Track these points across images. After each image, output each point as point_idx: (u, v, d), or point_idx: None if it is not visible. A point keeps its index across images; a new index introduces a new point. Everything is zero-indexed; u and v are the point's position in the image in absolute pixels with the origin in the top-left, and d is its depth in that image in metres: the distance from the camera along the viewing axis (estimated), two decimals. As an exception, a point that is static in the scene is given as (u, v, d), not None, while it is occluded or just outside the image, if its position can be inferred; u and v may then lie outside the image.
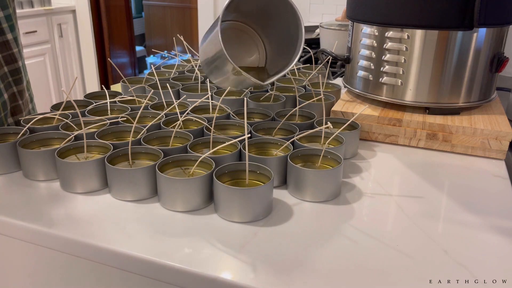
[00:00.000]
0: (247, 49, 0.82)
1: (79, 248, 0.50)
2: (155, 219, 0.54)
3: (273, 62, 0.82)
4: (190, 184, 0.54)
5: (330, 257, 0.47)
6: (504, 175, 0.67)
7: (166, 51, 4.15)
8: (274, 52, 0.82)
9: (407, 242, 0.50)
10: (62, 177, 0.59)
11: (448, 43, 0.74)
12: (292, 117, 0.77)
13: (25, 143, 0.65)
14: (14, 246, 0.56)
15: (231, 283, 0.44)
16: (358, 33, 0.84)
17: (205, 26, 2.89)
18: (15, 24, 0.78)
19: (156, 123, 0.70)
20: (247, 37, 0.81)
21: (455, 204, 0.59)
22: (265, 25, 0.80)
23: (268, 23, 0.78)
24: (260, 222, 0.53)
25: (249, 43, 0.82)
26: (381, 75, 0.81)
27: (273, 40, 0.80)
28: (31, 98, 0.87)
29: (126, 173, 0.56)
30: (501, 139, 0.71)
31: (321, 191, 0.58)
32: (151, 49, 4.59)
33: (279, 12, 0.73)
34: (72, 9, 3.02)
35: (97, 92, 0.88)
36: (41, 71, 2.76)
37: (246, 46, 0.82)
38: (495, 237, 0.52)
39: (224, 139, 0.66)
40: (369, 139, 0.79)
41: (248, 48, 0.82)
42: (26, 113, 0.83)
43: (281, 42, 0.78)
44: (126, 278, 0.50)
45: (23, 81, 0.82)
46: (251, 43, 0.82)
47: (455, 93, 0.77)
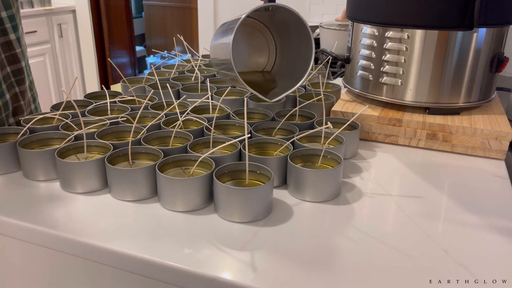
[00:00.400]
0: (258, 49, 0.81)
1: (79, 248, 0.50)
2: (155, 219, 0.54)
3: (280, 70, 0.81)
4: (190, 184, 0.54)
5: (330, 257, 0.47)
6: (504, 175, 0.67)
7: (166, 51, 4.15)
8: (283, 61, 0.81)
9: (407, 242, 0.50)
10: (62, 177, 0.59)
11: (448, 43, 0.74)
12: (292, 117, 0.77)
13: (25, 143, 0.65)
14: (14, 246, 0.56)
15: (231, 283, 0.44)
16: (358, 33, 0.84)
17: (205, 26, 2.89)
18: (18, 24, 0.77)
19: (156, 123, 0.70)
20: (261, 37, 0.80)
21: (455, 204, 0.59)
22: (282, 33, 0.79)
23: (287, 33, 0.77)
24: (260, 222, 0.53)
25: (261, 43, 0.81)
26: (381, 75, 0.81)
27: (285, 49, 0.80)
28: (33, 98, 0.86)
29: (126, 173, 0.56)
30: (501, 139, 0.71)
31: (321, 191, 0.58)
32: (151, 49, 4.59)
33: (297, 30, 0.72)
34: (72, 9, 3.02)
35: (97, 92, 0.88)
36: (41, 71, 2.76)
37: (258, 46, 0.81)
38: (495, 237, 0.52)
39: (224, 139, 0.66)
40: (369, 139, 0.79)
41: (259, 48, 0.81)
42: (27, 113, 0.83)
43: (292, 54, 0.78)
44: (126, 278, 0.50)
45: (26, 81, 0.82)
46: (263, 44, 0.81)
47: (455, 93, 0.77)
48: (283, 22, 0.75)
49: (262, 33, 0.80)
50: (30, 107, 0.84)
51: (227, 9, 2.80)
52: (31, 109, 0.85)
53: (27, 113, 0.83)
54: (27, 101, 0.83)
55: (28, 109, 0.83)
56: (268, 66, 0.82)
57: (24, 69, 0.81)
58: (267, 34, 0.80)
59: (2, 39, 0.75)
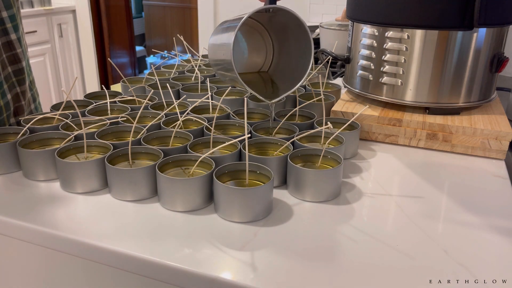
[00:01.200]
0: (256, 49, 0.81)
1: (79, 248, 0.50)
2: (155, 219, 0.54)
3: (277, 70, 0.81)
4: (190, 184, 0.54)
5: (330, 257, 0.47)
6: (504, 175, 0.67)
7: (166, 51, 4.15)
8: (281, 61, 0.80)
9: (407, 242, 0.50)
10: (62, 177, 0.59)
11: (448, 43, 0.74)
12: (292, 117, 0.77)
13: (25, 143, 0.65)
14: (14, 246, 0.56)
15: (231, 283, 0.44)
16: (358, 33, 0.84)
17: (205, 26, 2.89)
18: (19, 24, 0.77)
19: (156, 123, 0.70)
20: (259, 37, 0.79)
21: (455, 204, 0.59)
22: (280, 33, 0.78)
23: (285, 34, 0.76)
24: (260, 222, 0.53)
25: (259, 43, 0.80)
26: (381, 75, 0.81)
27: (283, 49, 0.79)
28: (33, 98, 0.86)
29: (126, 173, 0.56)
30: (501, 139, 0.71)
31: (321, 191, 0.58)
32: (151, 49, 4.59)
33: (295, 30, 0.72)
34: (72, 9, 3.02)
35: (97, 92, 0.88)
36: (41, 71, 2.76)
37: (256, 45, 0.80)
38: (495, 237, 0.52)
39: (224, 139, 0.66)
40: (369, 139, 0.79)
41: (257, 47, 0.81)
42: (27, 113, 0.83)
43: (290, 54, 0.77)
44: (126, 278, 0.50)
45: (26, 81, 0.82)
46: (261, 44, 0.80)
47: (455, 93, 0.77)
48: (281, 23, 0.75)
49: (259, 32, 0.79)
50: (30, 107, 0.84)
51: (227, 9, 2.80)
52: (31, 109, 0.85)
53: (27, 113, 0.83)
54: (27, 101, 0.83)
55: (28, 109, 0.83)
56: (265, 66, 0.82)
57: (25, 69, 0.81)
58: (264, 34, 0.79)
59: (3, 39, 0.75)
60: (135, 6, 4.72)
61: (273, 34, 0.79)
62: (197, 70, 0.95)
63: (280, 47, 0.79)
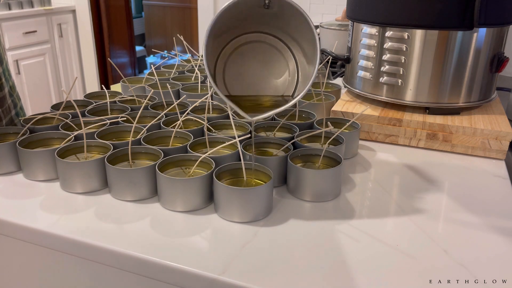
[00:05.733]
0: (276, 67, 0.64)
1: (79, 248, 0.50)
2: (155, 219, 0.54)
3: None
4: (190, 184, 0.54)
5: (330, 257, 0.47)
6: (504, 175, 0.67)
7: (166, 51, 4.15)
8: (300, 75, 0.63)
9: (407, 242, 0.50)
10: (62, 177, 0.59)
11: (448, 43, 0.74)
12: (292, 117, 0.77)
13: (25, 143, 0.65)
14: (14, 246, 0.56)
15: (231, 283, 0.44)
16: (358, 33, 0.84)
17: (205, 26, 2.89)
18: None
19: (156, 123, 0.70)
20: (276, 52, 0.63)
21: (455, 204, 0.59)
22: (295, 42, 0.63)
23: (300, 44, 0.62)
24: (260, 222, 0.53)
25: (278, 59, 0.63)
26: (381, 75, 0.81)
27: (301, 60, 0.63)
28: (14, 104, 0.80)
29: (126, 173, 0.56)
30: (501, 139, 0.71)
31: (321, 191, 0.58)
32: (151, 49, 4.59)
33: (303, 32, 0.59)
34: (72, 9, 3.02)
35: (97, 92, 0.88)
36: (41, 71, 2.76)
37: (274, 63, 0.64)
38: (495, 237, 0.52)
39: (224, 139, 0.65)
40: (369, 139, 0.79)
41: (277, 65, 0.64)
42: (6, 120, 0.78)
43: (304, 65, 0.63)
44: (125, 278, 0.50)
45: (5, 87, 0.76)
46: (280, 59, 0.63)
47: (455, 93, 0.77)
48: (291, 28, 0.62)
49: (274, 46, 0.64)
50: (10, 114, 0.78)
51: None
52: (11, 115, 0.79)
53: (6, 120, 0.77)
54: (5, 108, 0.77)
55: (7, 116, 0.78)
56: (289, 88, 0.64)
57: (2, 74, 0.75)
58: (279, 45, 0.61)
59: None
60: (135, 6, 4.72)
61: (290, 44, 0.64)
62: (197, 70, 0.95)
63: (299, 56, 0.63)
